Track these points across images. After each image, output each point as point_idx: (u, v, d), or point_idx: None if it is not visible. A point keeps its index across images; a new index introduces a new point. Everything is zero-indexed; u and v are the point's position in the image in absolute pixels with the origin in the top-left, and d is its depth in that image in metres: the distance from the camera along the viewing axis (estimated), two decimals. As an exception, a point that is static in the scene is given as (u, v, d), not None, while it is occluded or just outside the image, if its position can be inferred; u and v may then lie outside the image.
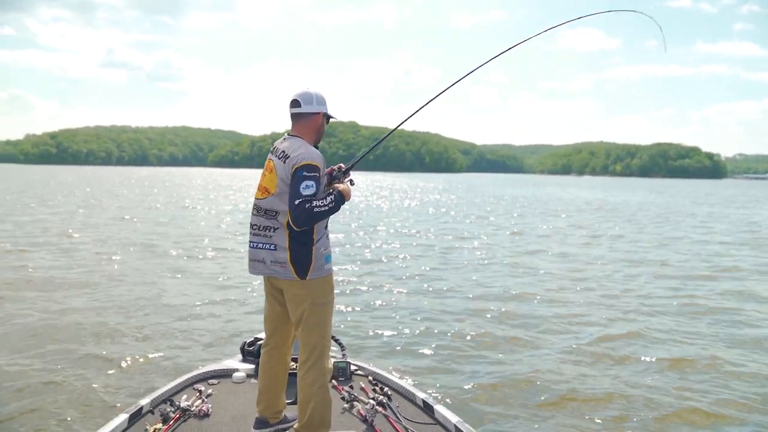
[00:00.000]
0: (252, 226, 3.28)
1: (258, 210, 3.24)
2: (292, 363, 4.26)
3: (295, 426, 3.34)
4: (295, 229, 3.08)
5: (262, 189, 3.23)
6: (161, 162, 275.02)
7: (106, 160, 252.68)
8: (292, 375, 4.18)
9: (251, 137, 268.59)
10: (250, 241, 3.29)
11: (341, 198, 3.17)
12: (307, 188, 3.05)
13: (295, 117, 3.29)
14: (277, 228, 3.15)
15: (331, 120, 3.42)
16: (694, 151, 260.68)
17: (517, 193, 60.04)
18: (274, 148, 3.29)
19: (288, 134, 3.33)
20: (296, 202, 3.02)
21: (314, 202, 3.04)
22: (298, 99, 3.24)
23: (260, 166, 3.39)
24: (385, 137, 4.09)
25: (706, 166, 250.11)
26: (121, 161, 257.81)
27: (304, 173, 3.07)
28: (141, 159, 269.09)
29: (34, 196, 35.80)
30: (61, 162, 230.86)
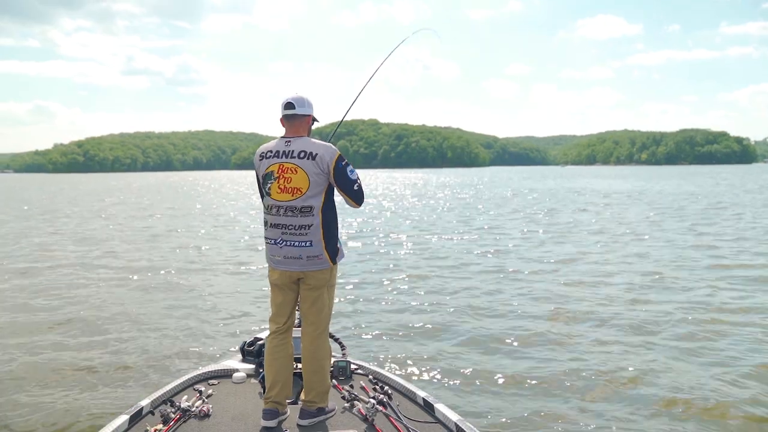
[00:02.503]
0: (282, 226, 3.41)
1: (292, 210, 3.38)
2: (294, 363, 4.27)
3: (308, 397, 3.54)
4: (358, 208, 3.58)
5: (292, 190, 3.37)
6: (185, 166, 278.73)
7: (132, 166, 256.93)
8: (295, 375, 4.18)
9: (273, 138, 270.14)
10: (281, 240, 3.42)
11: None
12: (353, 173, 3.47)
13: (290, 118, 3.50)
14: (312, 225, 3.38)
15: (316, 123, 3.69)
16: (723, 135, 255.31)
17: (547, 186, 59.41)
18: (281, 152, 3.44)
19: (286, 137, 3.51)
20: (354, 187, 3.46)
21: (359, 181, 3.50)
22: (293, 102, 3.47)
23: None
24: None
25: (734, 151, 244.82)
26: (146, 167, 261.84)
27: (343, 163, 3.42)
28: (166, 164, 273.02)
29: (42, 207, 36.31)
30: (88, 170, 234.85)
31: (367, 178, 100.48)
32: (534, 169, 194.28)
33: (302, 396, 3.60)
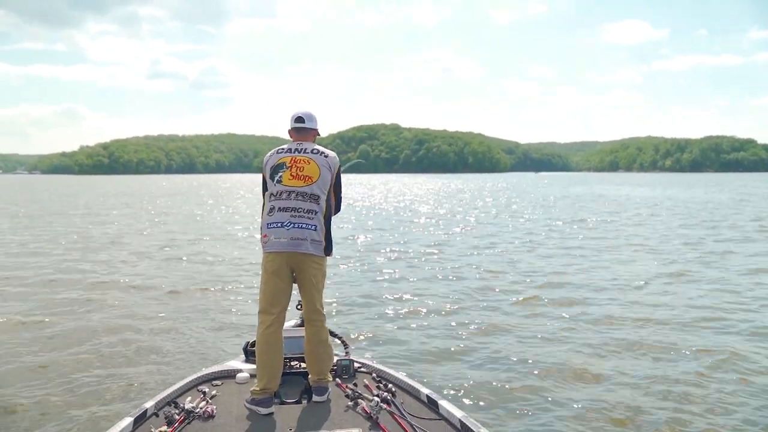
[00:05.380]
0: (292, 209, 3.73)
1: (302, 195, 3.74)
2: (295, 363, 4.27)
3: (322, 376, 3.82)
4: (334, 215, 3.96)
5: (304, 178, 3.76)
6: (208, 169, 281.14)
7: (156, 168, 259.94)
8: (293, 374, 4.14)
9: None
10: (289, 223, 3.70)
11: None
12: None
13: (299, 130, 3.99)
14: (318, 211, 3.75)
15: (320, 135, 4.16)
16: (750, 143, 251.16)
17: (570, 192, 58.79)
18: (293, 149, 3.86)
19: (299, 142, 3.94)
20: (341, 194, 4.01)
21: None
22: (303, 116, 3.98)
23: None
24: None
25: (762, 159, 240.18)
26: (169, 170, 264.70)
27: (341, 172, 4.00)
28: (189, 167, 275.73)
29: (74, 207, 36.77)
30: (113, 172, 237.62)
31: (389, 182, 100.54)
32: (552, 176, 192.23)
33: (314, 378, 3.83)
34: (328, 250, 3.83)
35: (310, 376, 3.88)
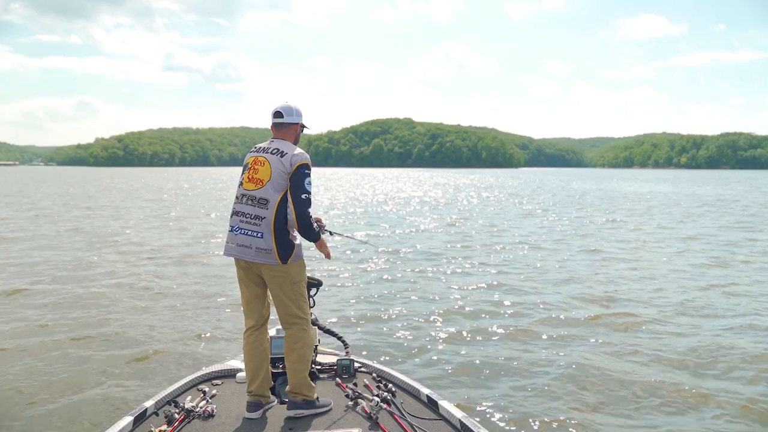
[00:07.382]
0: (240, 213, 3.60)
1: (251, 200, 3.57)
2: (280, 365, 4.23)
3: (289, 389, 3.67)
4: (297, 229, 3.56)
5: (255, 180, 3.57)
6: (221, 162, 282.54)
7: (170, 161, 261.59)
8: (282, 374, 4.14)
9: (308, 136, 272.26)
10: (236, 227, 3.59)
11: (318, 236, 3.67)
12: (309, 185, 3.58)
13: (278, 126, 3.77)
14: (265, 218, 3.51)
15: (305, 129, 3.92)
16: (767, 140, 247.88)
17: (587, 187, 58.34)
18: (260, 148, 3.70)
19: (272, 139, 3.77)
20: (302, 196, 3.53)
21: (309, 197, 3.57)
22: (281, 111, 3.74)
23: (317, 165, 3.64)
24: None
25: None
26: (183, 162, 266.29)
27: (305, 171, 3.57)
28: (203, 160, 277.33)
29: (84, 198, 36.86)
30: (128, 164, 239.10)
31: (403, 174, 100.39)
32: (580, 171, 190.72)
33: (288, 388, 3.71)
34: (282, 257, 3.53)
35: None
